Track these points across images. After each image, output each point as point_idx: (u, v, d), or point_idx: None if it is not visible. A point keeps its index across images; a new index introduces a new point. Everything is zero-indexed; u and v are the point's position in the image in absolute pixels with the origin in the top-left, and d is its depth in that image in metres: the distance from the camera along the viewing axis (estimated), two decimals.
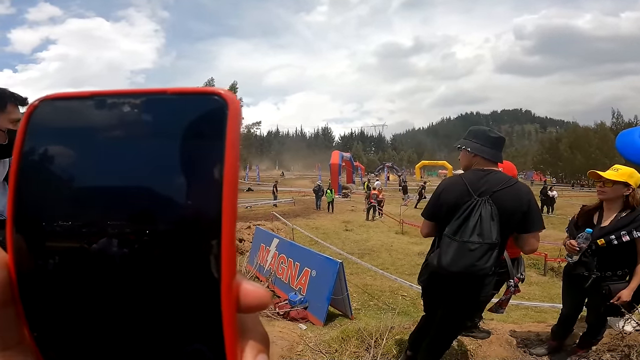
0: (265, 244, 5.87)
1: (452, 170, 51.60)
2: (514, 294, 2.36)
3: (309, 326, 3.75)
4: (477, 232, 1.81)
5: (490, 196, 1.85)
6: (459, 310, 2.07)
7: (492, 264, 1.82)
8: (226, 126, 0.21)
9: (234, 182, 0.20)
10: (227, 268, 0.20)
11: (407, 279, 5.92)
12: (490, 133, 2.06)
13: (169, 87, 0.22)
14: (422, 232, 2.21)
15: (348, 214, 16.52)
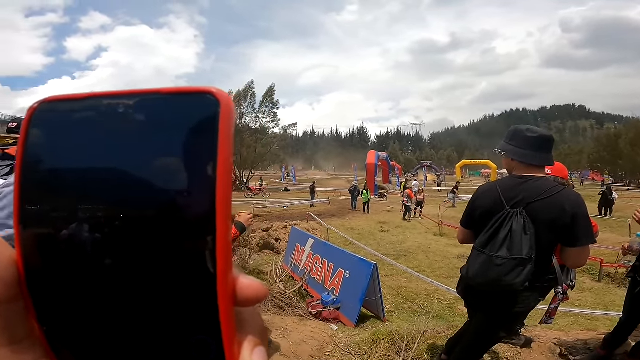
0: (301, 244, 5.97)
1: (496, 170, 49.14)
2: (562, 302, 2.24)
3: (340, 327, 3.77)
4: (506, 246, 1.71)
5: (524, 207, 1.72)
6: (490, 322, 1.98)
7: (524, 280, 1.69)
8: (218, 124, 0.21)
9: (227, 178, 0.21)
10: (222, 263, 0.20)
11: (444, 282, 5.75)
12: (528, 132, 1.86)
13: (163, 87, 0.22)
14: (458, 239, 2.13)
15: (384, 214, 16.29)
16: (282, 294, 4.38)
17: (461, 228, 2.04)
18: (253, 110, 33.30)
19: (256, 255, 7.52)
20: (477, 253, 1.81)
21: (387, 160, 32.68)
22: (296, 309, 4.10)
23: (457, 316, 4.63)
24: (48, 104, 0.23)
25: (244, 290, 0.22)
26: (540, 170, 1.84)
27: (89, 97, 0.22)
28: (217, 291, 0.20)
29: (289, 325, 3.41)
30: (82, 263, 0.21)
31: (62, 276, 0.21)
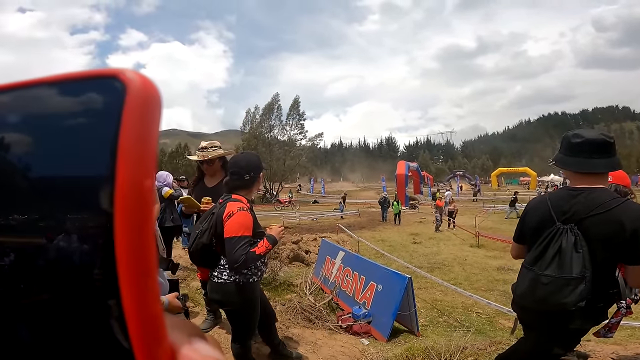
0: (331, 257, 5.89)
1: (536, 178, 46.65)
2: (625, 316, 2.05)
3: (371, 341, 3.63)
4: (555, 264, 1.58)
5: (577, 223, 1.57)
6: (544, 341, 1.83)
7: (577, 300, 1.54)
8: (120, 123, 0.14)
9: (134, 209, 0.14)
10: (139, 334, 0.15)
11: (483, 295, 5.44)
12: (573, 138, 1.68)
13: (56, 74, 0.16)
14: (512, 254, 2.04)
15: (416, 226, 15.84)
16: (311, 307, 4.31)
17: (514, 243, 1.95)
18: (280, 122, 33.99)
19: (286, 267, 7.50)
20: (526, 270, 1.69)
21: (417, 170, 32.03)
22: (326, 322, 4.01)
23: (498, 331, 4.33)
24: None
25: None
26: (599, 179, 1.66)
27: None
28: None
29: (319, 339, 3.32)
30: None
31: None
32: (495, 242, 10.84)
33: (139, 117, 0.15)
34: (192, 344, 0.18)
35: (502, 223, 16.62)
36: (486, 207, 22.05)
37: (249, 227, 2.03)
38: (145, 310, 0.15)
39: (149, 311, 0.15)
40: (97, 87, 0.15)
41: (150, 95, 0.15)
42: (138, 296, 0.15)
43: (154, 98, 0.15)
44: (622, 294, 1.94)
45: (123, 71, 0.15)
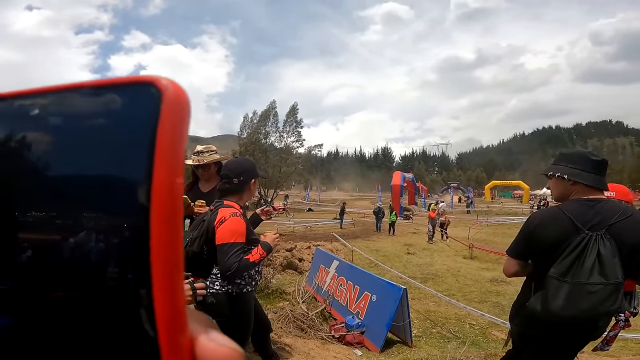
0: (325, 265, 5.85)
1: (529, 191, 47.08)
2: (622, 329, 2.04)
3: (364, 352, 3.59)
4: (597, 271, 1.57)
5: (606, 229, 1.61)
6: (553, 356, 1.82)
7: (619, 305, 1.59)
8: (157, 127, 0.16)
9: (168, 206, 0.15)
10: (165, 323, 0.16)
11: (476, 306, 5.44)
12: (591, 156, 1.80)
13: (93, 80, 0.17)
14: (506, 272, 1.94)
15: (410, 236, 15.84)
16: (304, 316, 4.25)
17: (511, 260, 1.87)
18: (277, 129, 34.02)
19: (279, 274, 7.43)
20: (558, 282, 1.64)
21: (413, 181, 32.16)
22: (318, 332, 3.96)
23: (491, 342, 4.31)
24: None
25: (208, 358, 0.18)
26: (601, 194, 1.76)
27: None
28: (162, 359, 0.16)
29: (312, 349, 3.28)
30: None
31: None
32: (488, 254, 10.86)
33: (173, 121, 0.16)
34: (209, 334, 0.19)
35: (496, 235, 16.69)
36: (480, 220, 22.14)
37: (242, 233, 1.98)
38: (174, 300, 0.16)
39: (177, 302, 0.16)
40: (136, 93, 0.16)
41: (183, 101, 0.17)
42: (169, 287, 0.16)
43: (186, 104, 0.17)
44: (621, 307, 1.96)
45: (159, 79, 0.16)
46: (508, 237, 16.05)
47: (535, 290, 1.77)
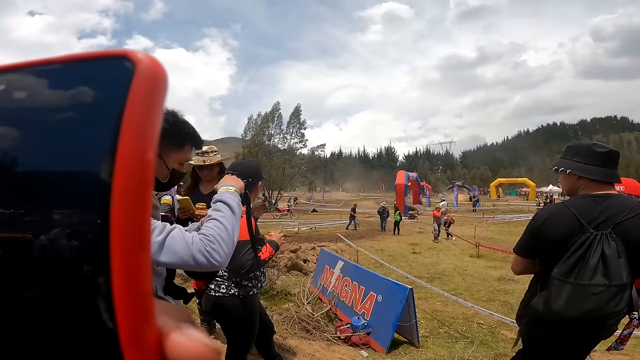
0: (330, 266, 5.81)
1: (535, 188, 46.66)
2: (637, 327, 1.98)
3: (370, 353, 3.54)
4: (601, 272, 1.52)
5: (612, 228, 1.54)
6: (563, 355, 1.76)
7: (625, 306, 1.53)
8: (127, 97, 0.15)
9: (133, 181, 0.14)
10: (125, 313, 0.14)
11: (484, 305, 5.35)
12: (596, 148, 1.70)
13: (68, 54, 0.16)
14: (514, 270, 1.90)
15: (415, 235, 15.74)
16: (309, 317, 4.21)
17: (518, 258, 1.82)
18: (280, 131, 34.07)
19: (284, 276, 7.40)
20: (560, 283, 1.60)
21: (417, 180, 32.01)
22: (324, 333, 3.91)
23: (500, 342, 4.23)
24: None
25: (177, 354, 0.16)
26: (612, 188, 1.66)
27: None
28: (123, 356, 0.15)
29: (317, 351, 3.23)
30: None
31: None
32: (495, 253, 10.74)
33: (145, 93, 0.15)
34: (182, 329, 0.17)
35: (502, 234, 16.54)
36: (486, 218, 21.96)
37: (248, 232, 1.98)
38: (135, 285, 0.14)
39: (139, 287, 0.15)
40: (108, 66, 0.15)
41: (158, 75, 0.16)
42: (130, 272, 0.14)
43: (161, 78, 0.16)
44: (634, 304, 1.89)
45: (134, 52, 0.16)
46: (515, 235, 15.90)
47: (540, 289, 1.72)
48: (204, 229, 1.03)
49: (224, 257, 1.00)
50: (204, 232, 1.01)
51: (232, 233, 1.06)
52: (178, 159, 1.16)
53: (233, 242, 1.06)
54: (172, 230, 0.95)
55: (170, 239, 0.92)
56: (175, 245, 0.92)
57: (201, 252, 0.95)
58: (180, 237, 0.94)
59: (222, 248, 0.99)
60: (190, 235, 0.98)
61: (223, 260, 0.99)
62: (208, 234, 1.00)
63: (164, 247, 0.90)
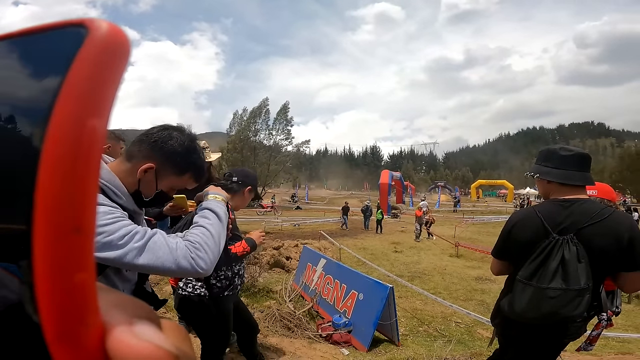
0: (312, 264, 5.82)
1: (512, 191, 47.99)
2: (605, 328, 2.06)
3: (351, 351, 3.58)
4: (560, 276, 1.56)
5: (575, 234, 1.57)
6: (536, 355, 1.81)
7: (583, 310, 1.56)
8: (72, 63, 0.13)
9: (67, 148, 0.13)
10: (51, 305, 0.13)
11: (462, 304, 5.48)
12: (562, 151, 1.72)
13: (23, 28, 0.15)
14: (492, 271, 1.97)
15: (397, 234, 15.95)
16: (291, 315, 4.22)
17: (494, 259, 1.88)
18: (267, 127, 33.79)
19: (266, 273, 7.37)
20: (523, 285, 1.65)
21: (400, 180, 32.38)
22: (305, 331, 3.92)
23: (477, 340, 4.36)
24: None
25: (120, 355, 0.14)
26: (582, 192, 1.69)
27: None
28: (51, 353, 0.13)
29: (298, 349, 3.24)
30: None
31: None
32: (473, 253, 11.01)
33: (94, 59, 0.13)
34: (133, 326, 0.15)
35: (480, 234, 16.96)
36: (465, 218, 22.46)
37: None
38: (65, 273, 0.12)
39: (71, 276, 0.13)
40: (63, 33, 0.14)
41: (113, 41, 0.14)
42: (56, 255, 0.12)
43: (117, 45, 0.14)
44: (603, 306, 1.97)
45: (92, 19, 0.14)
46: (492, 235, 16.34)
47: (509, 291, 1.77)
48: (190, 235, 1.02)
49: (209, 265, 0.99)
50: (189, 238, 1.00)
51: (218, 241, 1.05)
52: (171, 184, 1.10)
53: (219, 249, 1.05)
54: (154, 235, 0.93)
55: (151, 243, 0.91)
56: (158, 250, 0.91)
57: (186, 258, 0.94)
58: (163, 242, 0.93)
59: (207, 255, 0.98)
60: (174, 240, 0.96)
61: (208, 268, 0.98)
62: (194, 241, 0.99)
63: (144, 251, 0.88)
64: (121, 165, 1.04)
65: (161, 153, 1.04)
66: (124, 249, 0.86)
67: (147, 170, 1.03)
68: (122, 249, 0.86)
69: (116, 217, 0.90)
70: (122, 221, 0.90)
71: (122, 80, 0.14)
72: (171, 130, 1.09)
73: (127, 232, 0.88)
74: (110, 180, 0.99)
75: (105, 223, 0.86)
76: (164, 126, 1.11)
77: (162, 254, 0.91)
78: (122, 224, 0.89)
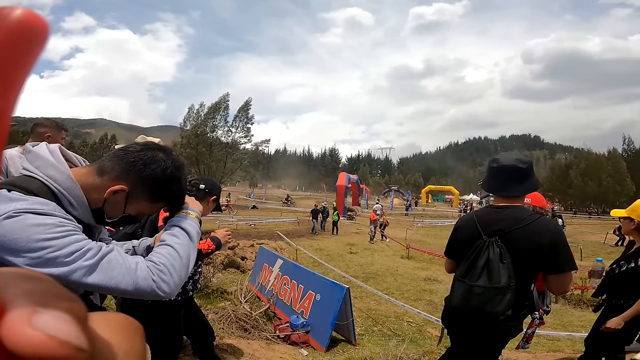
0: (269, 264, 5.76)
1: (458, 196, 51.20)
2: (538, 327, 2.27)
3: (310, 351, 3.60)
4: (485, 275, 1.71)
5: (501, 237, 1.73)
6: (474, 352, 1.95)
7: (505, 308, 1.68)
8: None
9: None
10: None
11: (413, 304, 5.75)
12: (492, 163, 1.86)
13: None
14: (446, 268, 2.12)
15: (352, 236, 16.30)
16: (247, 316, 4.14)
17: (446, 258, 2.05)
18: (225, 123, 32.81)
19: (220, 273, 7.16)
20: (458, 283, 1.82)
21: (357, 182, 33.10)
22: (263, 332, 3.88)
23: (427, 339, 4.60)
24: None
25: (11, 342, 0.14)
26: (518, 200, 1.84)
27: None
28: None
29: (256, 350, 3.20)
30: None
31: None
32: (423, 254, 11.59)
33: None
34: (33, 315, 0.14)
35: (429, 236, 17.88)
36: (416, 222, 23.55)
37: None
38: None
39: None
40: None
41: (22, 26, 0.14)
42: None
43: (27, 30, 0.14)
44: (535, 305, 2.18)
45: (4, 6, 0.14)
46: (440, 238, 17.32)
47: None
48: (154, 255, 0.93)
49: (173, 288, 0.91)
50: (153, 259, 0.91)
51: (186, 262, 0.97)
52: (141, 209, 1.01)
53: (187, 271, 0.96)
54: (110, 253, 0.84)
55: (105, 262, 0.82)
56: (112, 270, 0.83)
57: (146, 280, 0.86)
58: (120, 261, 0.84)
59: (172, 279, 0.90)
60: (133, 260, 0.88)
61: (171, 291, 0.90)
62: (158, 262, 0.91)
63: (96, 270, 0.80)
64: (89, 178, 0.93)
65: (138, 176, 0.95)
66: (71, 267, 0.78)
67: (118, 192, 0.94)
68: (69, 267, 0.77)
69: (67, 230, 0.81)
70: (73, 235, 0.81)
71: (33, 65, 0.14)
72: (156, 151, 0.98)
73: (78, 249, 0.80)
74: (68, 189, 0.89)
75: (53, 237, 0.78)
76: (149, 145, 0.99)
77: (117, 274, 0.83)
78: (73, 239, 0.80)
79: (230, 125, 32.81)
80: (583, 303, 6.52)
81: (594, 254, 13.27)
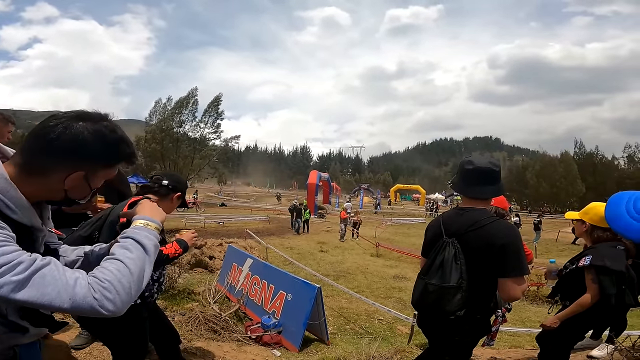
0: (238, 264, 5.62)
1: (424, 195, 52.87)
2: (501, 324, 2.34)
3: (283, 352, 3.55)
4: (438, 274, 1.75)
5: (458, 238, 1.77)
6: (437, 350, 2.01)
7: (456, 308, 1.69)
8: None
9: None
10: None
11: (382, 302, 5.84)
12: (465, 165, 1.87)
13: None
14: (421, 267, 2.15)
15: (323, 234, 16.37)
16: (217, 317, 4.00)
17: (421, 257, 2.11)
18: (194, 118, 31.73)
19: (187, 274, 6.91)
20: (419, 279, 1.87)
21: (328, 181, 33.25)
22: (233, 333, 3.76)
23: (398, 337, 4.68)
24: None
25: None
26: (484, 201, 1.87)
27: None
28: None
29: (227, 352, 3.10)
30: None
31: None
32: (392, 252, 11.85)
33: None
34: None
35: (397, 235, 18.34)
36: (385, 220, 24.05)
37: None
38: None
39: None
40: None
41: None
42: None
43: None
44: (498, 303, 2.25)
45: None
46: (408, 236, 17.80)
47: None
48: (99, 270, 0.84)
49: (119, 307, 0.82)
50: (97, 275, 0.82)
51: (138, 279, 0.87)
52: (105, 177, 0.97)
53: (138, 289, 0.87)
54: (44, 267, 0.77)
55: (38, 277, 0.75)
56: (46, 286, 0.75)
57: (85, 298, 0.78)
58: (55, 276, 0.77)
59: (118, 297, 0.81)
60: (73, 275, 0.80)
61: (117, 310, 0.81)
62: (102, 279, 0.82)
63: (26, 286, 0.73)
64: (22, 174, 0.86)
65: (79, 156, 0.88)
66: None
67: (72, 178, 0.89)
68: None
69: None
70: (4, 247, 0.74)
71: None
72: (69, 120, 0.89)
73: (6, 262, 0.72)
74: (3, 190, 0.80)
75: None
76: (57, 118, 0.89)
77: (51, 290, 0.75)
78: (3, 250, 0.73)
79: (199, 120, 31.79)
80: (539, 299, 6.93)
81: (547, 252, 14.21)
